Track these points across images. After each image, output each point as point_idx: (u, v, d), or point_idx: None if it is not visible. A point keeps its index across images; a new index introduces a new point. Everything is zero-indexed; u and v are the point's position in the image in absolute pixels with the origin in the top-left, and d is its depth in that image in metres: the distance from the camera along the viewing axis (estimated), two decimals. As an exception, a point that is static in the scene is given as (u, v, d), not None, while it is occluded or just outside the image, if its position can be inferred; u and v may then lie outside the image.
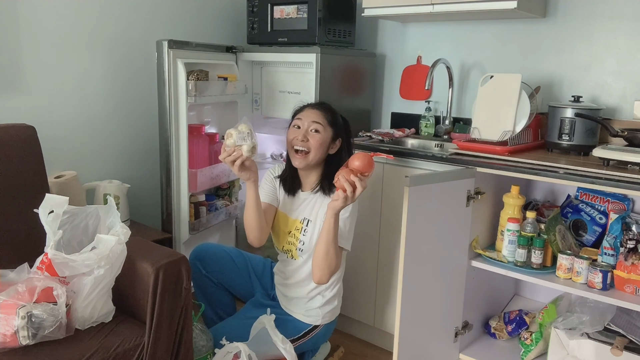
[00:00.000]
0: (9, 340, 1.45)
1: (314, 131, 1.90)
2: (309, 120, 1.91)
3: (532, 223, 1.96)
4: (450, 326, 2.07)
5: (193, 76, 2.36)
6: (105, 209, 1.77)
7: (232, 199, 2.80)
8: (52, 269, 1.56)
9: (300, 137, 1.90)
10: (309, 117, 1.92)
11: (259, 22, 2.66)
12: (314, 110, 1.94)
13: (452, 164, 2.01)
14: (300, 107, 2.00)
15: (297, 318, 2.03)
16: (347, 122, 2.04)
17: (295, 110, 2.01)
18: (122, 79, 2.52)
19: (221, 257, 2.18)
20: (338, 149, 1.98)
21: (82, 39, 2.35)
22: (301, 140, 1.90)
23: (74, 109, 2.36)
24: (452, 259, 2.00)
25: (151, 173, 2.65)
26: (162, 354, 1.63)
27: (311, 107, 1.97)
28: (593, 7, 2.18)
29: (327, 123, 1.93)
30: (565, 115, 2.03)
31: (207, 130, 2.69)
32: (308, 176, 2.00)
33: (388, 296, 2.32)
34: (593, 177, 1.73)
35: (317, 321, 2.02)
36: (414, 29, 2.72)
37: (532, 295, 2.41)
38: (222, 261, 2.17)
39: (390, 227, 2.25)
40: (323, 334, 2.07)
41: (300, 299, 2.03)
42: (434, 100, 2.67)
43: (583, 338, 1.90)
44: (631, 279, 1.75)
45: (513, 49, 2.40)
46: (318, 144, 1.89)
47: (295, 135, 1.91)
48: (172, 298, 1.64)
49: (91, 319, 1.62)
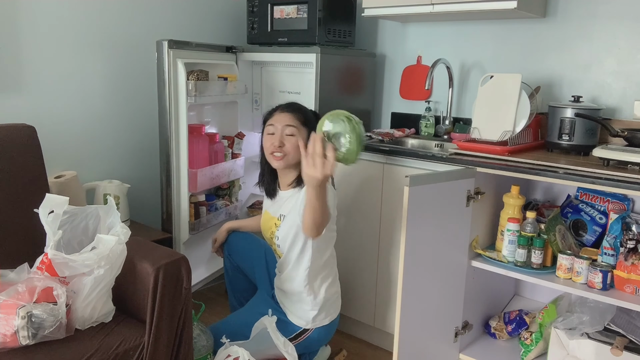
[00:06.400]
0: (9, 340, 1.45)
1: (289, 135, 1.90)
2: (281, 124, 1.91)
3: (532, 223, 1.96)
4: (450, 326, 2.07)
5: (193, 76, 2.36)
6: (105, 209, 1.77)
7: (232, 199, 2.80)
8: (52, 269, 1.56)
9: (276, 143, 1.90)
10: (281, 121, 1.92)
11: (259, 22, 2.66)
12: (284, 114, 1.93)
13: (452, 164, 2.01)
14: (269, 111, 1.99)
15: (290, 319, 2.03)
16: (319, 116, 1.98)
17: (265, 115, 2.00)
18: (122, 79, 2.52)
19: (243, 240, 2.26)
20: None
21: (82, 39, 2.35)
22: (278, 146, 1.90)
23: (74, 109, 2.36)
24: (452, 259, 2.00)
25: (151, 173, 2.65)
26: (162, 354, 1.63)
27: (281, 110, 1.96)
28: (593, 7, 2.18)
29: (300, 124, 1.92)
30: (565, 115, 2.03)
31: (207, 130, 2.69)
32: (286, 175, 2.02)
33: (388, 296, 2.32)
34: (593, 177, 1.73)
35: (308, 324, 2.02)
36: (414, 29, 2.72)
37: (532, 295, 2.41)
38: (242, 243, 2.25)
39: (390, 227, 2.25)
40: (316, 338, 2.05)
41: (292, 294, 2.03)
42: (434, 100, 2.67)
43: (583, 338, 1.90)
44: (631, 279, 1.75)
45: (513, 49, 2.40)
46: (294, 146, 1.89)
47: (271, 141, 1.92)
48: (172, 298, 1.64)
49: (91, 319, 1.62)
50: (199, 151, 2.52)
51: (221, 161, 2.65)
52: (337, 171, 2.39)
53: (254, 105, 2.90)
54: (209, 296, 2.83)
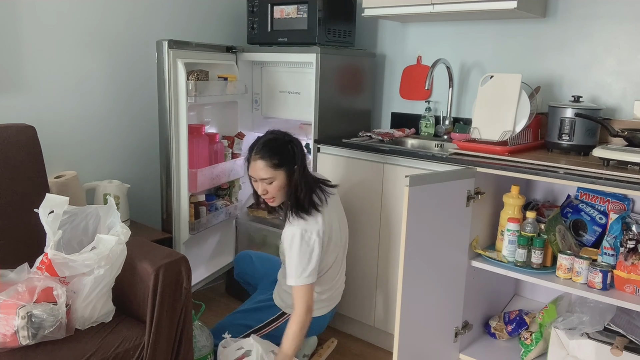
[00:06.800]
0: (9, 340, 1.45)
1: (268, 183, 1.97)
2: (259, 177, 1.97)
3: (532, 223, 1.96)
4: (450, 326, 2.07)
5: (193, 76, 2.36)
6: (105, 209, 1.77)
7: (232, 199, 2.80)
8: (52, 269, 1.56)
9: (260, 191, 2.00)
10: (257, 173, 1.96)
11: (259, 22, 2.66)
12: (257, 163, 1.95)
13: (452, 164, 2.01)
14: (248, 152, 2.00)
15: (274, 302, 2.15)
16: (297, 144, 2.00)
17: (247, 155, 2.03)
18: (122, 79, 2.52)
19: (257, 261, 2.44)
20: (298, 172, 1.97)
21: (82, 39, 2.35)
22: (263, 194, 2.00)
23: (74, 109, 2.36)
24: (452, 259, 2.00)
25: (151, 173, 2.65)
26: (162, 354, 1.63)
27: (254, 159, 1.96)
28: (593, 7, 2.18)
29: (275, 168, 1.94)
30: (565, 115, 2.03)
31: (207, 130, 2.69)
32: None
33: (388, 296, 2.32)
34: (593, 177, 1.73)
35: (286, 308, 2.10)
36: (414, 29, 2.72)
37: (532, 295, 2.41)
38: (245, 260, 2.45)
39: (390, 227, 2.25)
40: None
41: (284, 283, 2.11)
42: (434, 100, 2.67)
43: (583, 338, 1.90)
44: (631, 279, 1.75)
45: (513, 49, 2.40)
46: (277, 190, 1.97)
47: (256, 187, 2.02)
48: (172, 298, 1.64)
49: (91, 319, 1.62)
50: (199, 151, 2.52)
51: (221, 161, 2.65)
52: (338, 171, 2.39)
53: (254, 105, 2.90)
54: (209, 296, 2.83)
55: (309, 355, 2.26)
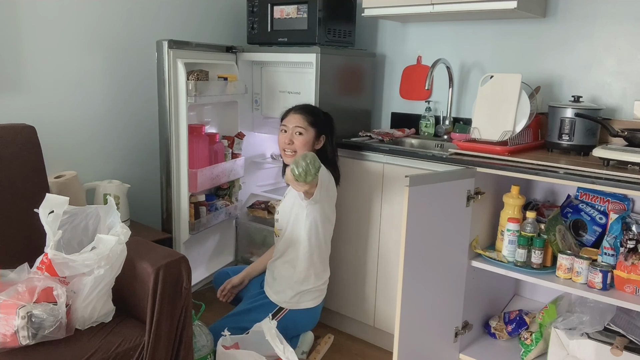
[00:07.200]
0: (9, 340, 1.45)
1: (298, 134, 2.13)
2: (292, 125, 2.15)
3: (532, 223, 1.96)
4: (450, 326, 2.07)
5: (193, 76, 2.36)
6: (105, 209, 1.77)
7: (232, 199, 2.80)
8: (52, 269, 1.56)
9: (287, 141, 2.15)
10: (291, 122, 2.15)
11: (259, 22, 2.66)
12: (296, 115, 2.16)
13: (452, 164, 2.01)
14: (285, 112, 2.22)
15: (270, 298, 2.16)
16: (330, 117, 2.24)
17: (282, 116, 2.23)
18: (122, 79, 2.52)
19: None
20: (323, 144, 2.18)
21: (82, 39, 2.35)
22: (288, 144, 2.15)
23: (74, 109, 2.36)
24: (452, 259, 2.00)
25: (151, 173, 2.65)
26: (162, 354, 1.63)
27: (294, 111, 2.19)
28: (593, 7, 2.18)
29: (309, 124, 2.14)
30: (565, 115, 2.03)
31: (207, 130, 2.69)
32: None
33: (388, 296, 2.32)
34: (593, 177, 1.73)
35: (283, 303, 2.12)
36: (414, 29, 2.72)
37: (532, 295, 2.41)
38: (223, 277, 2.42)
39: (390, 227, 2.25)
40: (292, 321, 2.12)
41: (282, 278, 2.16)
42: (434, 100, 2.67)
43: (583, 338, 1.90)
44: (631, 279, 1.75)
45: (513, 49, 2.40)
46: (302, 144, 2.14)
47: (283, 139, 2.17)
48: (172, 298, 1.64)
49: (91, 319, 1.62)
50: (199, 151, 2.52)
51: (221, 161, 2.65)
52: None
53: (254, 105, 2.90)
54: (209, 296, 2.82)
55: (307, 351, 2.26)
